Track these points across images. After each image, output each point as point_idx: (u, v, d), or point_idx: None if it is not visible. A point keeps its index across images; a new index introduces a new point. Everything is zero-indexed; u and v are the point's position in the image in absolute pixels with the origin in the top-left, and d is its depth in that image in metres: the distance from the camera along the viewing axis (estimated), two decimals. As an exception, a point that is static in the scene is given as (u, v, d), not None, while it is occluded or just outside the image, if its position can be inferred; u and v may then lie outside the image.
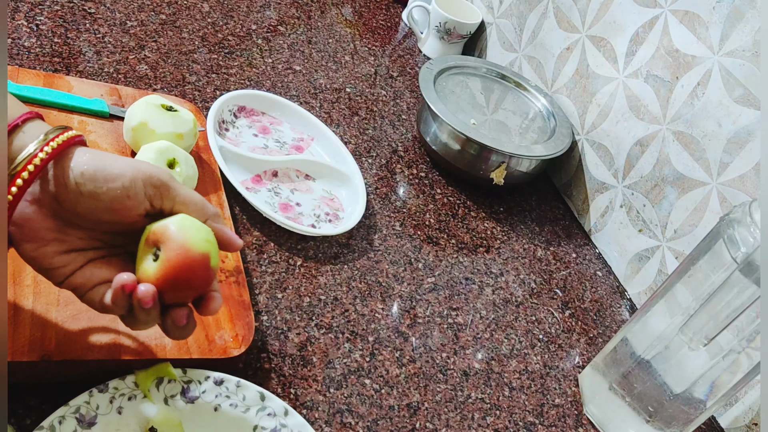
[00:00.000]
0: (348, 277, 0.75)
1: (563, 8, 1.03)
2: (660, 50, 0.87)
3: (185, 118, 0.72)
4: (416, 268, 0.81)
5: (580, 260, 0.94)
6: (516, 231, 0.94)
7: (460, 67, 1.05)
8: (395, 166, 0.94)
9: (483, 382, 0.71)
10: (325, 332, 0.68)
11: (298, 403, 0.61)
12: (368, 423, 0.62)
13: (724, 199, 0.79)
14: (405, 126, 1.02)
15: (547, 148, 0.93)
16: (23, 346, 0.50)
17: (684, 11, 0.84)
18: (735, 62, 0.77)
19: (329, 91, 1.01)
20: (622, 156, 0.93)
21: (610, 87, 0.95)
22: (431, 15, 1.17)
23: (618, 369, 0.69)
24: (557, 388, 0.75)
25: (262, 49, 1.02)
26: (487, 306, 0.80)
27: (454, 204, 0.93)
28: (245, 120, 0.87)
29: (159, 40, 0.93)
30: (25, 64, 0.78)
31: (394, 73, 1.13)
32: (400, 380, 0.67)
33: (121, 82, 0.83)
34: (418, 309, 0.76)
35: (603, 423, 0.72)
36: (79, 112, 0.73)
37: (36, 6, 0.87)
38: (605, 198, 0.96)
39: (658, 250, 0.87)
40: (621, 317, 0.88)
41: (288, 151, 0.86)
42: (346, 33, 1.17)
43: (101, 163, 0.45)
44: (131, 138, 0.70)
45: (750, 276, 0.57)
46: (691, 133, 0.83)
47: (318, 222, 0.78)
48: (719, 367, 0.62)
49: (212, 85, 0.90)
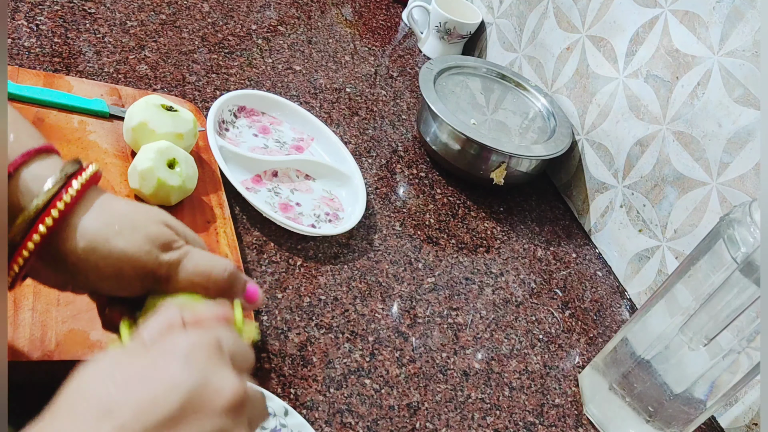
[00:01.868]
0: (348, 277, 0.75)
1: (563, 8, 1.03)
2: (660, 50, 0.87)
3: (185, 118, 0.72)
4: (416, 268, 0.81)
5: (580, 260, 0.94)
6: (516, 231, 0.94)
7: (460, 67, 1.05)
8: (395, 166, 0.94)
9: (483, 382, 0.71)
10: (325, 332, 0.68)
11: (298, 403, 0.61)
12: (368, 423, 0.62)
13: (724, 199, 0.79)
14: (405, 126, 1.02)
15: (547, 148, 0.93)
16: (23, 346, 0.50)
17: (684, 11, 0.84)
18: (735, 62, 0.77)
19: (329, 91, 1.01)
20: (622, 156, 0.93)
21: (610, 87, 0.95)
22: (431, 15, 1.17)
23: (618, 369, 0.69)
24: (557, 388, 0.75)
25: (262, 49, 1.02)
26: (487, 306, 0.80)
27: (454, 204, 0.93)
28: (245, 120, 0.87)
29: (159, 40, 0.93)
30: (25, 64, 0.78)
31: (394, 73, 1.13)
32: (400, 380, 0.67)
33: (121, 82, 0.83)
34: (418, 309, 0.76)
35: (603, 423, 0.72)
36: (79, 112, 0.73)
37: (36, 6, 0.87)
38: (605, 198, 0.96)
39: (658, 250, 0.87)
40: (621, 317, 0.88)
41: (288, 151, 0.86)
42: (346, 33, 1.17)
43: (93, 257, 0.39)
44: (131, 138, 0.70)
45: (750, 276, 0.57)
46: (691, 133, 0.83)
47: (318, 222, 0.78)
48: (719, 367, 0.62)
49: (212, 85, 0.90)
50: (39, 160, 0.40)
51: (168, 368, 0.33)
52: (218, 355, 0.35)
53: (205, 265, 0.42)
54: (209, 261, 0.43)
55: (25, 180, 0.39)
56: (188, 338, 0.35)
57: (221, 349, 0.35)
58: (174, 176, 0.66)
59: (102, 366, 0.33)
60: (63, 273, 0.40)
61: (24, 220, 0.38)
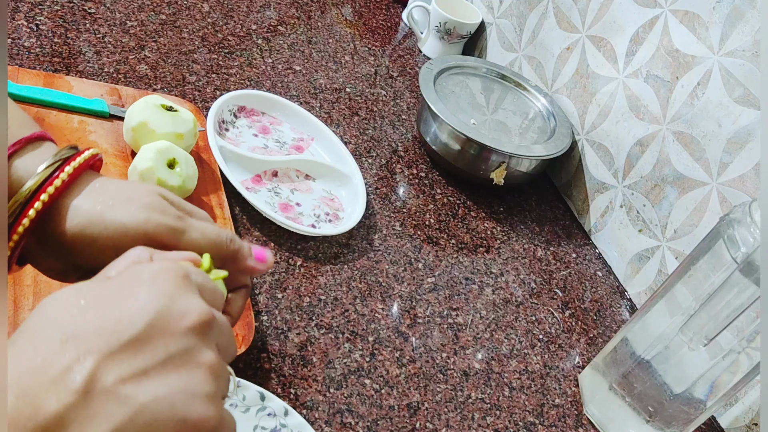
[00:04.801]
0: (348, 277, 0.75)
1: (563, 8, 1.03)
2: (660, 50, 0.87)
3: (185, 118, 0.72)
4: (416, 268, 0.81)
5: (580, 260, 0.94)
6: (516, 231, 0.94)
7: (460, 67, 1.05)
8: (395, 166, 0.94)
9: (483, 382, 0.71)
10: (325, 332, 0.68)
11: (298, 403, 0.61)
12: (368, 423, 0.62)
13: (724, 199, 0.79)
14: (405, 126, 1.02)
15: (547, 148, 0.93)
16: (23, 346, 0.50)
17: (684, 11, 0.84)
18: (735, 62, 0.77)
19: (329, 91, 1.01)
20: (622, 156, 0.93)
21: (610, 87, 0.95)
22: (431, 15, 1.17)
23: (618, 369, 0.69)
24: (557, 388, 0.75)
25: (262, 49, 1.02)
26: (487, 306, 0.80)
27: (454, 204, 0.93)
28: (245, 120, 0.87)
29: (159, 40, 0.93)
30: (25, 64, 0.78)
31: (394, 73, 1.13)
32: (400, 380, 0.67)
33: (121, 82, 0.83)
34: (418, 309, 0.76)
35: (603, 423, 0.72)
36: (79, 112, 0.73)
37: (36, 6, 0.87)
38: (605, 198, 0.96)
39: (658, 250, 0.87)
40: (621, 317, 0.88)
41: (288, 151, 0.86)
42: (346, 33, 1.17)
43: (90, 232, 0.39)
44: (131, 138, 0.70)
45: (750, 276, 0.57)
46: (691, 133, 0.83)
47: (318, 222, 0.78)
48: (719, 367, 0.62)
49: (212, 85, 0.90)
50: (32, 149, 0.40)
51: (132, 291, 0.32)
52: (185, 282, 0.34)
53: (211, 233, 0.42)
54: (215, 229, 0.43)
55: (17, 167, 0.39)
56: (154, 265, 0.34)
57: (188, 278, 0.35)
58: (174, 176, 0.66)
59: (66, 294, 0.32)
60: (63, 258, 0.40)
61: (16, 202, 0.38)
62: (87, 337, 0.30)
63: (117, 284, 0.33)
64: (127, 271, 0.34)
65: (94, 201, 0.40)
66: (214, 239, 0.42)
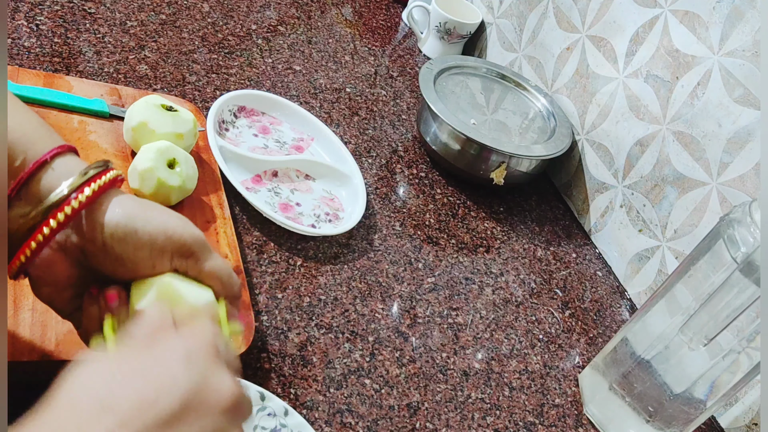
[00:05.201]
0: (348, 277, 0.75)
1: (563, 8, 1.03)
2: (660, 50, 0.87)
3: (185, 118, 0.72)
4: (416, 268, 0.81)
5: (580, 260, 0.94)
6: (516, 231, 0.94)
7: (460, 67, 1.05)
8: (395, 166, 0.94)
9: (483, 382, 0.71)
10: (325, 332, 0.68)
11: (298, 403, 0.61)
12: (368, 423, 0.62)
13: (724, 199, 0.79)
14: (405, 126, 1.02)
15: (547, 148, 0.93)
16: (23, 346, 0.50)
17: (684, 11, 0.84)
18: (735, 62, 0.77)
19: (329, 91, 1.01)
20: (622, 156, 0.93)
21: (610, 87, 0.95)
22: (431, 15, 1.17)
23: (618, 369, 0.69)
24: (557, 388, 0.75)
25: (262, 49, 1.02)
26: (487, 306, 0.80)
27: (454, 204, 0.93)
28: (245, 120, 0.87)
29: (159, 40, 0.93)
30: (25, 64, 0.78)
31: (394, 73, 1.13)
32: (400, 380, 0.67)
33: (121, 82, 0.83)
34: (418, 309, 0.76)
35: (603, 423, 0.72)
36: (79, 112, 0.73)
37: (36, 6, 0.87)
38: (605, 198, 0.96)
39: (658, 250, 0.87)
40: (621, 317, 0.88)
41: (288, 151, 0.86)
42: (346, 33, 1.17)
43: (132, 224, 0.41)
44: (131, 138, 0.70)
45: (750, 276, 0.57)
46: (691, 133, 0.83)
47: (318, 222, 0.78)
48: (719, 367, 0.62)
49: (212, 85, 0.90)
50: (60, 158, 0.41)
51: (169, 367, 0.33)
52: (216, 357, 0.36)
53: (224, 267, 0.44)
54: (227, 264, 0.45)
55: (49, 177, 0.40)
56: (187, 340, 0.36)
57: (218, 352, 0.36)
58: (174, 176, 0.66)
59: (102, 363, 0.33)
60: (79, 263, 0.42)
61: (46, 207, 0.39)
62: (123, 411, 0.31)
63: (153, 357, 0.34)
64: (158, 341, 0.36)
65: (135, 200, 0.42)
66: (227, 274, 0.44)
